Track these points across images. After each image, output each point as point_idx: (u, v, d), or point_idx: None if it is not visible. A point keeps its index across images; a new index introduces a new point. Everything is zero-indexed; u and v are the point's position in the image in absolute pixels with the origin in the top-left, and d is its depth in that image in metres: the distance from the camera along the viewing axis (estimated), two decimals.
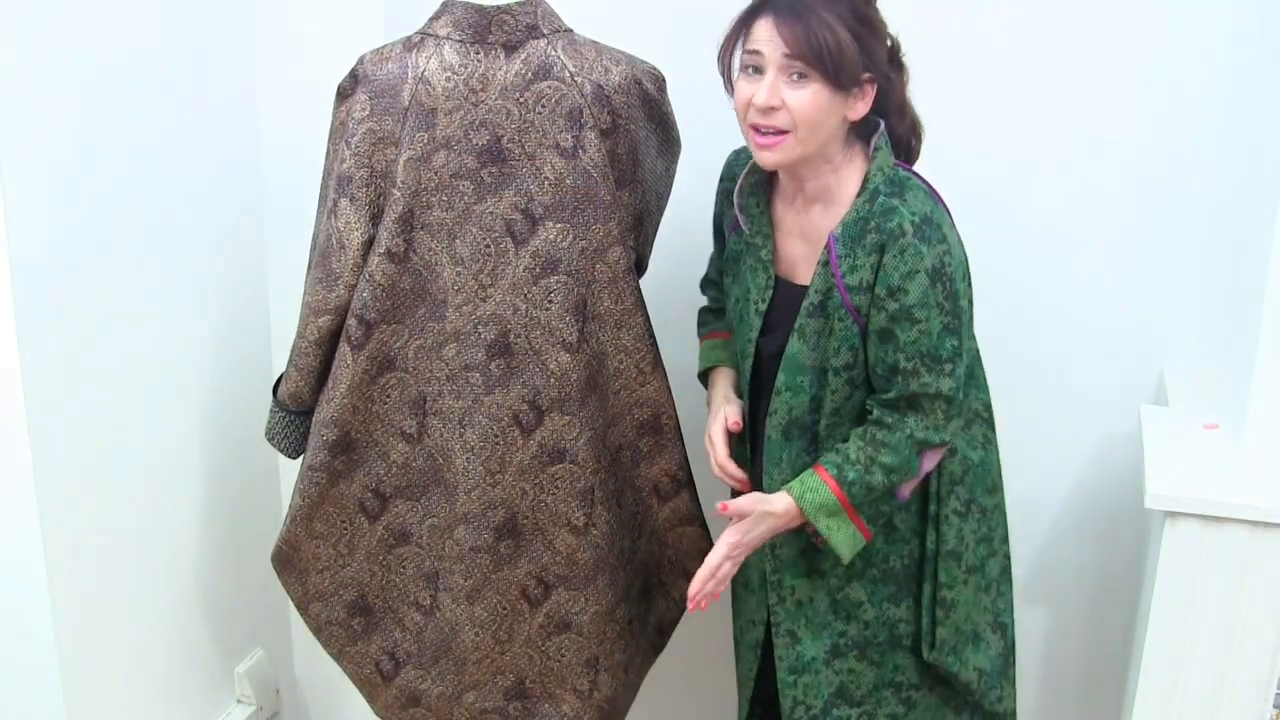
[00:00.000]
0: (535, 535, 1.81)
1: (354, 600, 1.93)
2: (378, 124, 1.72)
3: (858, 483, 1.65)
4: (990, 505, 1.79)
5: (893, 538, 1.75)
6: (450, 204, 1.72)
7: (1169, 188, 2.02)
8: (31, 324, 1.72)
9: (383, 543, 1.89)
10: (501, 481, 1.78)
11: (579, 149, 1.70)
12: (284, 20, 2.09)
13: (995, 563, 1.82)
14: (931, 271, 1.59)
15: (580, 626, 1.85)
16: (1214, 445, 1.84)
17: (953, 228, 1.65)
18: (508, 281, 1.73)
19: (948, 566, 1.75)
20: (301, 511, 1.88)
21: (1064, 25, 2.00)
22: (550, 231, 1.72)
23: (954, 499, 1.75)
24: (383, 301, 1.76)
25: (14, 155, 1.65)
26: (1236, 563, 1.71)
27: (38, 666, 1.84)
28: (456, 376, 1.77)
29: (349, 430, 1.82)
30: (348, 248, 1.76)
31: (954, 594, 1.76)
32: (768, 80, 1.58)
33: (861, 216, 1.63)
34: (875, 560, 1.76)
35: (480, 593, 1.83)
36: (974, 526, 1.77)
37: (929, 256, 1.58)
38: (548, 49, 1.70)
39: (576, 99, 1.70)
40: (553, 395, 1.75)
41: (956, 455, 1.74)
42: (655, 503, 1.91)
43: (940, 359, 1.61)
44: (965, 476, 1.75)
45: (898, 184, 1.64)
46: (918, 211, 1.61)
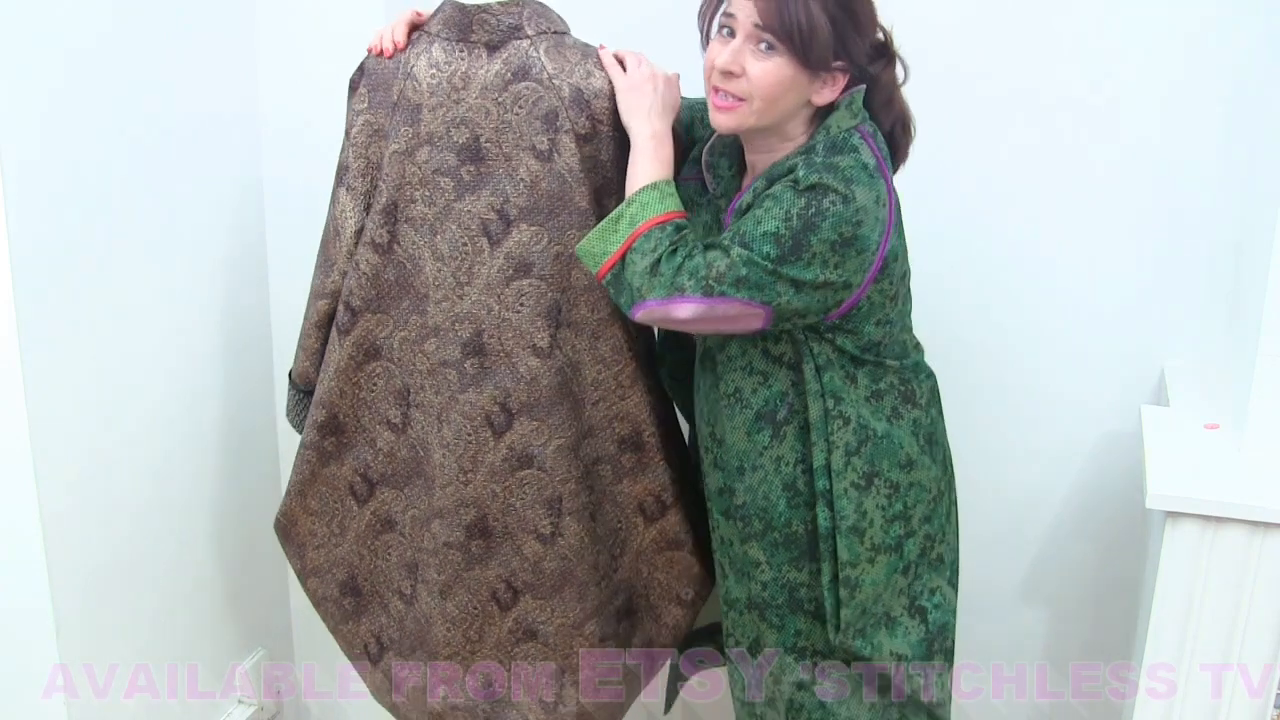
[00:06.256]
0: (505, 539, 1.81)
1: (345, 580, 1.97)
2: (373, 116, 1.75)
3: (645, 236, 1.61)
4: (904, 482, 1.71)
5: (795, 501, 1.71)
6: (432, 199, 1.73)
7: (1170, 187, 2.02)
8: (32, 324, 1.72)
9: (370, 527, 1.92)
10: (473, 481, 1.78)
11: (554, 152, 1.69)
12: (284, 20, 2.09)
13: (914, 543, 1.73)
14: (805, 198, 1.54)
15: (546, 637, 1.85)
16: (1215, 445, 1.84)
17: (877, 204, 1.57)
18: (482, 281, 1.73)
19: (849, 543, 1.68)
20: (295, 486, 1.92)
21: (1065, 25, 2.00)
22: (524, 234, 1.71)
23: (851, 471, 1.67)
24: (367, 290, 1.79)
25: (14, 155, 1.65)
26: (1237, 563, 1.71)
27: (38, 666, 1.84)
28: (435, 371, 1.78)
29: (336, 413, 1.86)
30: (342, 235, 1.80)
31: (858, 573, 1.70)
32: (733, 45, 1.57)
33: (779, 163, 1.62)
34: (776, 524, 1.72)
35: (451, 589, 1.84)
36: (881, 502, 1.69)
37: (807, 195, 1.54)
38: (529, 50, 1.69)
39: (553, 101, 1.68)
40: (522, 399, 1.75)
41: (851, 423, 1.67)
42: (640, 522, 1.87)
43: (749, 243, 1.55)
44: (862, 447, 1.67)
45: (838, 146, 1.59)
46: (832, 166, 1.55)
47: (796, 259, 1.54)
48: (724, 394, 1.73)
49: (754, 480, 1.72)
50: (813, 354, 1.65)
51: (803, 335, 1.65)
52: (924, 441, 1.73)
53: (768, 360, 1.69)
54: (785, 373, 1.68)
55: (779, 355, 1.68)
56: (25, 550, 1.78)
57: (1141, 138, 2.01)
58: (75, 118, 1.76)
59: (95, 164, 1.81)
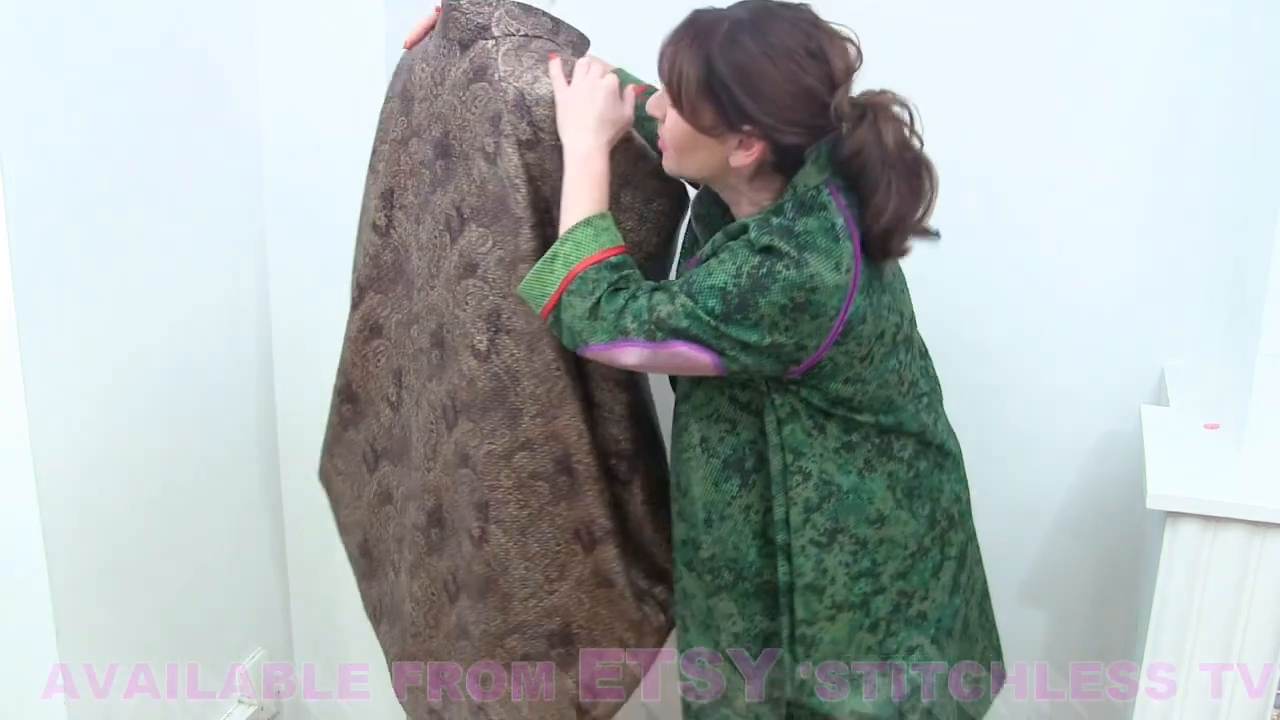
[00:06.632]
0: (452, 533, 1.82)
1: (361, 542, 2.01)
2: (390, 105, 1.81)
3: (581, 278, 1.55)
4: (874, 538, 1.61)
5: (767, 550, 1.64)
6: (417, 190, 1.76)
7: (1170, 187, 2.02)
8: (32, 323, 1.72)
9: (376, 496, 1.96)
10: (433, 469, 1.81)
11: (498, 156, 1.67)
12: (285, 20, 2.09)
13: (884, 600, 1.64)
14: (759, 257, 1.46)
15: (473, 639, 1.84)
16: (1215, 445, 1.84)
17: (836, 271, 1.46)
18: (444, 276, 1.74)
19: (806, 601, 1.61)
20: (325, 444, 1.98)
21: (1066, 24, 2.00)
22: (472, 234, 1.70)
23: (810, 528, 1.59)
24: (369, 269, 1.83)
25: (14, 155, 1.65)
26: (1237, 563, 1.70)
27: (38, 666, 1.84)
28: (416, 357, 1.82)
29: (351, 382, 1.91)
30: (365, 214, 1.87)
31: (815, 630, 1.63)
32: (661, 89, 1.54)
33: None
34: (748, 573, 1.65)
35: (416, 571, 1.88)
36: (845, 559, 1.61)
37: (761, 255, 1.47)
38: (492, 50, 1.67)
39: (499, 105, 1.65)
40: (463, 398, 1.74)
41: (812, 478, 1.59)
42: (580, 550, 1.80)
43: (694, 294, 1.49)
44: (825, 503, 1.59)
45: (807, 205, 1.49)
46: (787, 230, 1.47)
47: (743, 318, 1.47)
48: (688, 445, 1.67)
49: (723, 531, 1.65)
50: (774, 405, 1.57)
51: (765, 386, 1.57)
52: (902, 495, 1.63)
53: (735, 407, 1.62)
54: (752, 420, 1.61)
55: (746, 402, 1.61)
56: (25, 550, 1.78)
57: (1142, 138, 2.01)
58: (75, 118, 1.76)
59: (95, 164, 1.81)
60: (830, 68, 1.46)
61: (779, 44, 1.45)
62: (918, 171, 1.52)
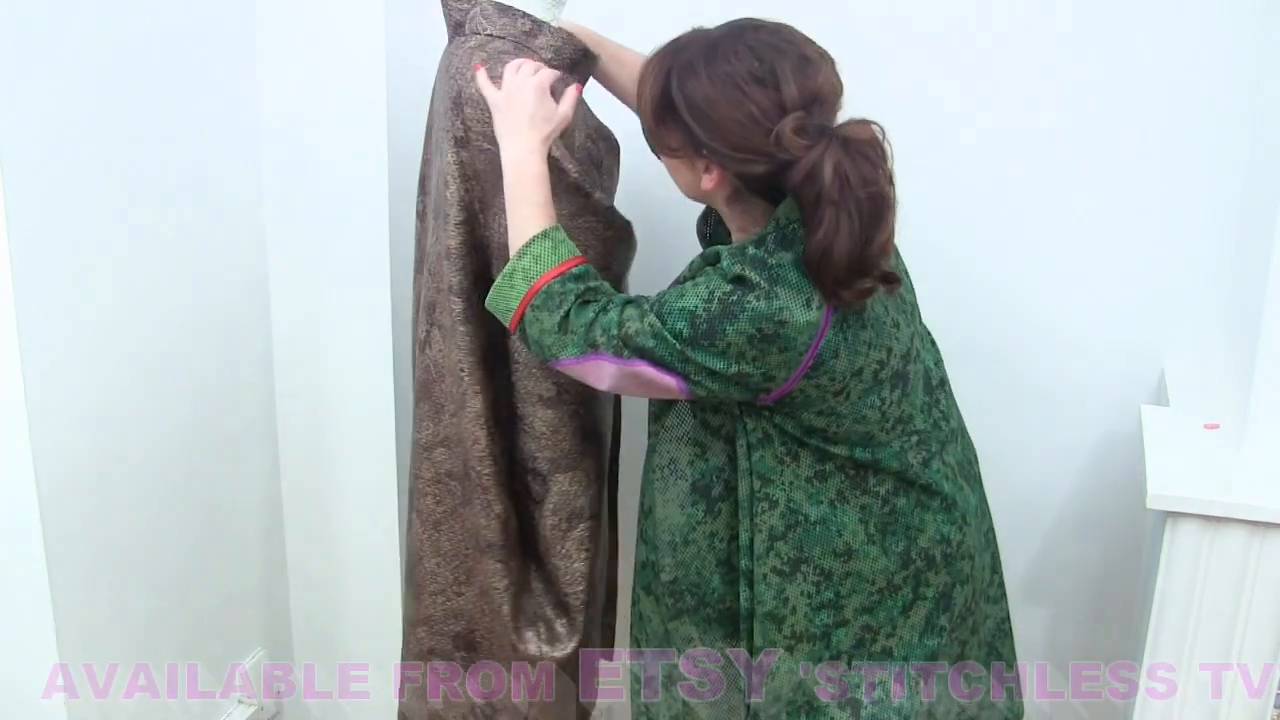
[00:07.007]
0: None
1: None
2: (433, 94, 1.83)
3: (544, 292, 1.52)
4: (839, 570, 1.58)
5: (730, 577, 1.62)
6: (431, 177, 1.78)
7: (1170, 188, 2.02)
8: (32, 323, 1.72)
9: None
10: None
11: (442, 151, 1.69)
12: (285, 19, 2.09)
13: (847, 633, 1.60)
14: (731, 285, 1.44)
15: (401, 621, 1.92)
16: (1215, 445, 1.84)
17: (807, 307, 1.43)
18: (427, 262, 1.79)
19: (764, 629, 1.59)
20: None
21: (1067, 24, 2.00)
22: (428, 225, 1.74)
23: (773, 556, 1.56)
24: (416, 251, 1.84)
25: (14, 155, 1.65)
26: (1238, 563, 1.71)
27: (38, 666, 1.84)
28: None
29: None
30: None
31: (771, 659, 1.60)
32: None
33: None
34: (710, 599, 1.63)
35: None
36: (807, 589, 1.58)
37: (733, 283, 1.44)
38: (461, 44, 1.69)
39: (446, 102, 1.68)
40: (415, 384, 1.81)
41: (779, 506, 1.56)
42: (477, 554, 1.79)
43: (664, 314, 1.46)
44: (790, 532, 1.56)
45: (787, 239, 1.45)
46: (760, 261, 1.44)
47: (709, 344, 1.44)
48: (657, 465, 1.65)
49: (686, 555, 1.63)
50: (746, 430, 1.55)
51: (739, 410, 1.55)
52: (874, 530, 1.58)
53: (706, 431, 1.59)
54: (722, 446, 1.59)
55: (717, 427, 1.58)
56: (25, 550, 1.78)
57: (1142, 137, 2.01)
58: (75, 118, 1.76)
59: (95, 163, 1.81)
60: (780, 95, 1.42)
61: (725, 71, 1.43)
62: (877, 213, 1.41)
